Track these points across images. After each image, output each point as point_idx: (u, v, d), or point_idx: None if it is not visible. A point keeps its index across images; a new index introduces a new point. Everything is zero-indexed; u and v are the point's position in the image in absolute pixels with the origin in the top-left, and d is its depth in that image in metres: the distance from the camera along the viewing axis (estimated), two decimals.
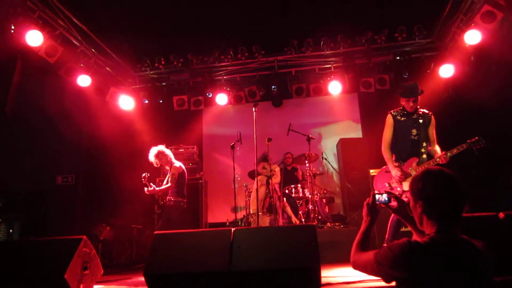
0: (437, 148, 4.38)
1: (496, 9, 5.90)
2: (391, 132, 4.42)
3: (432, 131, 4.46)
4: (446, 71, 7.21)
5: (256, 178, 6.03)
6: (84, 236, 3.59)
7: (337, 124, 9.10)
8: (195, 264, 3.11)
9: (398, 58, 7.56)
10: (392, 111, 4.51)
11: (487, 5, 5.91)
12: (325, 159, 7.48)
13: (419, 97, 4.39)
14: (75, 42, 6.71)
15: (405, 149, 4.34)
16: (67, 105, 7.40)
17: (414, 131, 4.36)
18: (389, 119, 4.45)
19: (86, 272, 3.51)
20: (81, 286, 3.40)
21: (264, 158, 6.54)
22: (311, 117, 9.22)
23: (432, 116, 4.51)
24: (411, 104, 4.37)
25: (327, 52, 7.75)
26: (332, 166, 7.46)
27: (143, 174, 5.57)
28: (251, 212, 6.45)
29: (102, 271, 3.83)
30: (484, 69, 6.84)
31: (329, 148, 8.78)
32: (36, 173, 7.59)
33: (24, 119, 7.16)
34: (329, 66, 8.05)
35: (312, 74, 8.12)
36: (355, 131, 8.95)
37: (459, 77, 7.26)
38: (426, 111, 4.52)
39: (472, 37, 6.32)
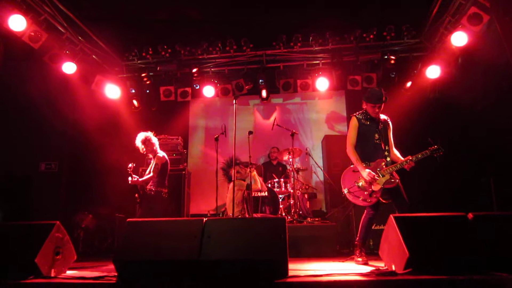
0: (396, 152, 4.55)
1: (482, 12, 5.96)
2: (356, 134, 4.48)
3: (390, 136, 4.59)
4: (433, 72, 7.26)
5: (233, 182, 6.00)
6: (57, 222, 3.58)
7: (323, 121, 9.13)
8: (165, 252, 3.12)
9: (386, 57, 7.61)
10: (356, 114, 4.58)
11: (474, 7, 5.97)
12: (309, 154, 7.51)
13: (383, 104, 4.47)
14: (60, 28, 6.64)
15: (369, 151, 4.41)
16: (52, 92, 7.35)
17: (377, 135, 4.46)
18: (354, 122, 4.52)
19: (58, 257, 3.51)
20: (53, 270, 3.39)
21: (235, 162, 6.51)
22: (297, 112, 9.25)
23: (390, 122, 4.65)
24: (377, 110, 4.45)
25: (316, 48, 7.77)
26: (315, 162, 7.49)
27: (129, 165, 5.53)
28: (229, 214, 6.50)
29: (75, 257, 3.82)
30: (470, 70, 6.90)
31: (314, 144, 8.81)
32: (19, 159, 7.55)
33: (6, 105, 7.10)
34: (317, 62, 8.08)
35: (300, 69, 8.13)
36: (340, 128, 8.99)
37: (446, 78, 7.33)
38: (385, 116, 4.64)
39: (459, 38, 6.38)
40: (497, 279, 2.77)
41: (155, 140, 5.83)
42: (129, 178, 5.49)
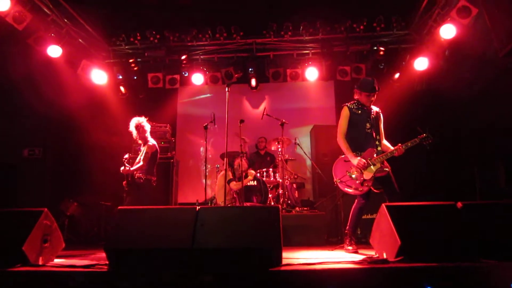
0: (387, 143, 4.60)
1: (471, 5, 6.04)
2: (347, 123, 4.53)
3: (381, 126, 4.64)
4: (421, 64, 7.32)
5: (225, 171, 5.96)
6: (45, 209, 3.51)
7: (312, 111, 9.13)
8: (158, 240, 3.09)
9: (375, 48, 7.64)
10: (347, 103, 4.63)
11: (463, 0, 6.03)
12: (298, 144, 7.53)
13: (376, 93, 4.53)
14: (45, 10, 6.40)
15: (360, 141, 4.46)
16: (36, 76, 7.13)
17: (368, 125, 4.50)
18: (346, 111, 4.56)
19: (46, 244, 3.45)
20: (40, 258, 3.34)
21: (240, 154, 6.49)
22: (286, 102, 9.23)
23: (381, 114, 4.69)
24: (372, 98, 4.52)
25: (306, 38, 7.74)
26: (304, 152, 7.52)
27: (125, 155, 5.51)
28: (219, 203, 6.51)
29: (64, 245, 3.77)
30: (458, 63, 6.99)
31: (302, 134, 8.83)
32: (1, 145, 7.35)
33: None
34: (307, 52, 8.06)
35: (290, 59, 8.12)
36: (329, 118, 9.01)
37: (433, 70, 7.40)
38: (376, 108, 4.68)
39: (447, 31, 6.44)
40: (486, 265, 2.85)
41: (148, 127, 5.78)
42: (122, 168, 5.46)
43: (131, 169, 5.48)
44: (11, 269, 2.98)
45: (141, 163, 5.54)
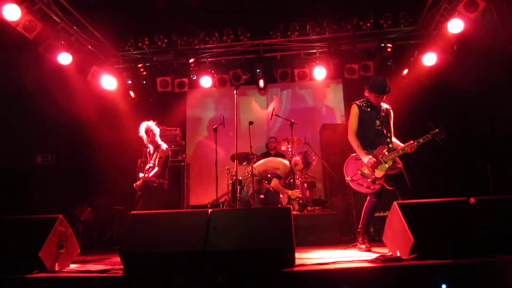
0: (395, 140, 4.56)
1: None
2: (357, 121, 4.51)
3: (391, 124, 4.60)
4: (429, 59, 7.27)
5: (251, 163, 5.94)
6: (60, 215, 3.56)
7: (321, 110, 9.12)
8: (171, 243, 3.12)
9: (382, 45, 7.61)
10: (357, 101, 4.60)
11: None
12: (308, 144, 7.52)
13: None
14: (55, 18, 6.52)
15: (370, 138, 4.43)
16: (47, 83, 7.25)
17: (378, 122, 4.48)
18: (355, 109, 4.54)
19: (61, 250, 3.49)
20: (56, 264, 3.38)
21: (307, 162, 6.46)
22: (295, 102, 9.22)
23: (391, 111, 4.66)
24: (379, 100, 4.49)
25: (313, 37, 7.73)
26: (314, 151, 7.50)
27: (147, 166, 5.63)
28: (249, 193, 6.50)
29: (79, 250, 3.82)
30: (466, 57, 6.93)
31: (312, 133, 8.81)
32: (14, 152, 7.47)
33: (1, 97, 7.00)
34: (314, 51, 8.05)
35: (297, 58, 8.11)
36: (338, 117, 8.98)
37: (442, 65, 7.34)
38: (386, 106, 4.65)
39: (455, 25, 6.40)
40: (500, 261, 2.82)
41: (157, 130, 5.83)
42: (141, 174, 5.59)
43: (150, 175, 5.55)
44: (29, 276, 3.03)
45: (156, 168, 5.59)
